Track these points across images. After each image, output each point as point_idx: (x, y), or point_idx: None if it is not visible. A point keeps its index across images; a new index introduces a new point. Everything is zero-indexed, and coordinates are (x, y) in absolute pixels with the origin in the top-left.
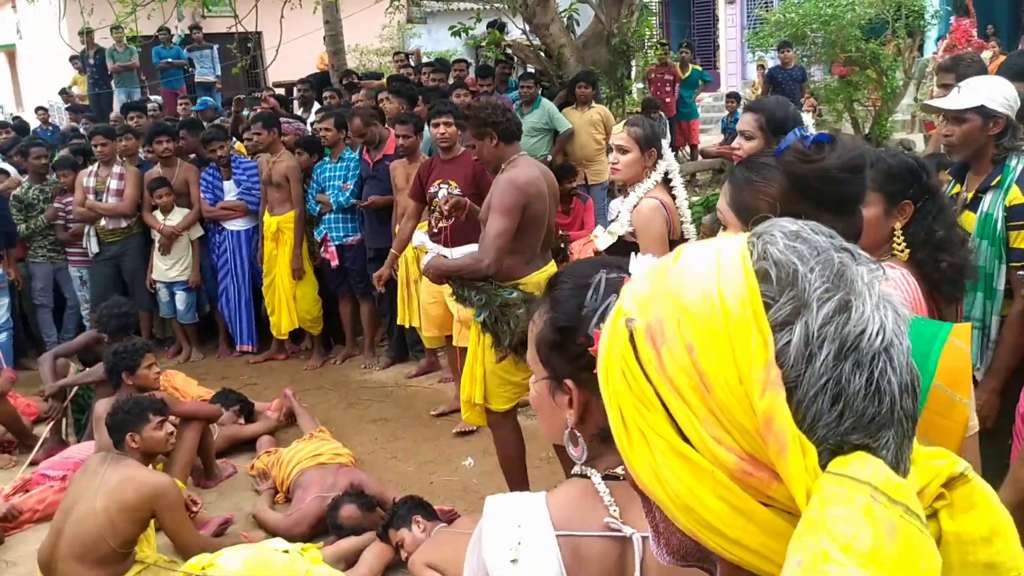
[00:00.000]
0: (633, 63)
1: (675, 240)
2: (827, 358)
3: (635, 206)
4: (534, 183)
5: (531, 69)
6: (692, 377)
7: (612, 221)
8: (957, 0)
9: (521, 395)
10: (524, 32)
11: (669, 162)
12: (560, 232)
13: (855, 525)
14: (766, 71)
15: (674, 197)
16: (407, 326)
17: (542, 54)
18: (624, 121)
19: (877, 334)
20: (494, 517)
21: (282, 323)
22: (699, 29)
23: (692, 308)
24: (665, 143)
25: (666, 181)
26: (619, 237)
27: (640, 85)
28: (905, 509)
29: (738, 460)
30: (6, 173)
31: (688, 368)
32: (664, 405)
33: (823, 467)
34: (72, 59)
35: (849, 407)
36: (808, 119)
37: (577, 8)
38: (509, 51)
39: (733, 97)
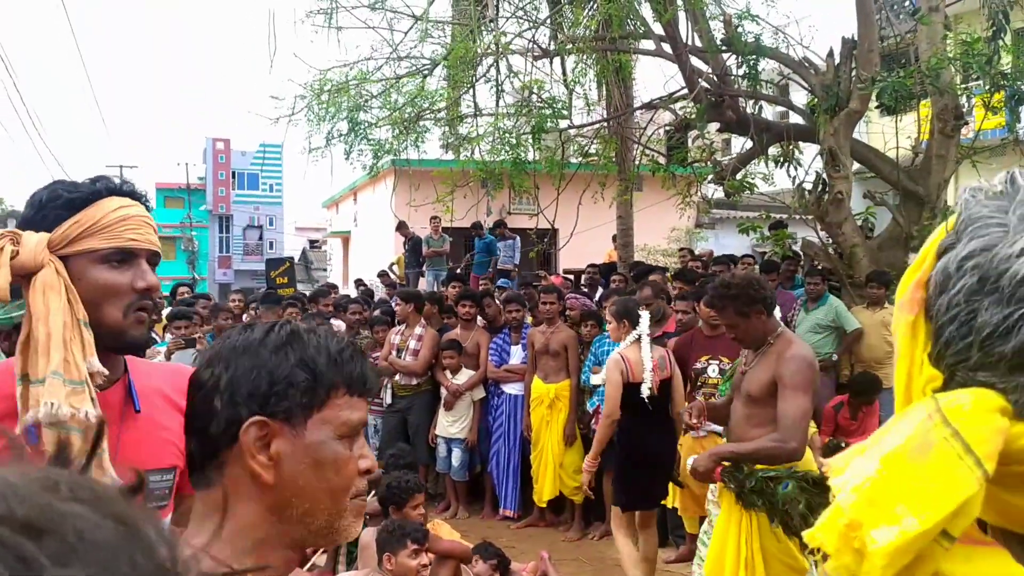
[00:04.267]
0: None
1: (633, 383)
2: (961, 290)
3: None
4: (816, 361)
5: (818, 266)
6: None
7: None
8: None
9: None
10: (816, 231)
11: (642, 328)
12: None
13: (895, 433)
14: None
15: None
16: (669, 506)
17: (832, 252)
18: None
19: None
20: None
21: (545, 489)
22: None
23: None
24: (644, 315)
25: (638, 341)
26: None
27: None
28: (953, 433)
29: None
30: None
31: None
32: None
33: None
34: (404, 243)
35: (978, 342)
36: None
37: (874, 211)
38: (796, 248)
39: None
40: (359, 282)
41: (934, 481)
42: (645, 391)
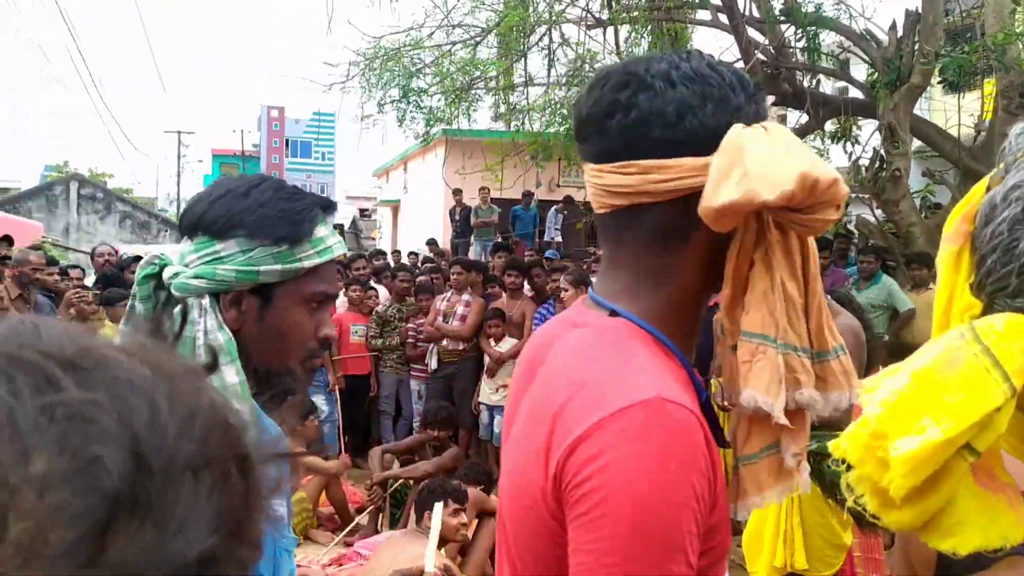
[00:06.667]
0: None
1: None
2: (1005, 220)
3: None
4: (861, 330)
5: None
6: None
7: None
8: None
9: (840, 560)
10: (871, 208)
11: None
12: None
13: (928, 352)
14: None
15: None
16: None
17: (888, 231)
18: None
19: None
20: None
21: None
22: None
23: None
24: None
25: None
26: None
27: None
28: (983, 349)
29: None
30: (376, 291)
31: None
32: None
33: None
34: (451, 212)
35: (1017, 269)
36: None
37: (933, 190)
38: (850, 226)
39: None
40: (412, 255)
41: (960, 393)
42: None
